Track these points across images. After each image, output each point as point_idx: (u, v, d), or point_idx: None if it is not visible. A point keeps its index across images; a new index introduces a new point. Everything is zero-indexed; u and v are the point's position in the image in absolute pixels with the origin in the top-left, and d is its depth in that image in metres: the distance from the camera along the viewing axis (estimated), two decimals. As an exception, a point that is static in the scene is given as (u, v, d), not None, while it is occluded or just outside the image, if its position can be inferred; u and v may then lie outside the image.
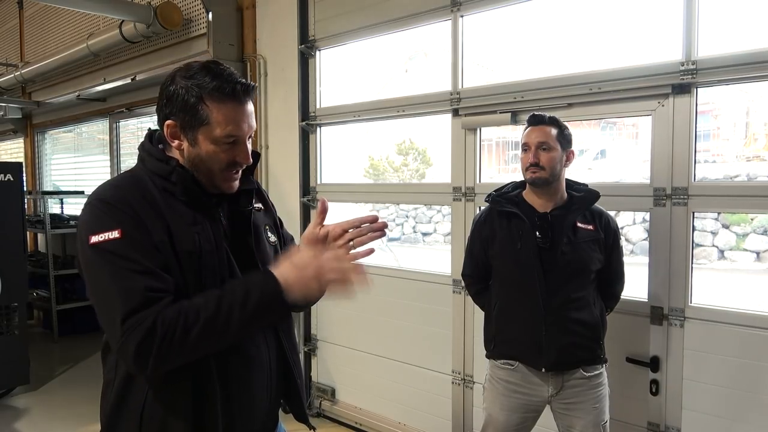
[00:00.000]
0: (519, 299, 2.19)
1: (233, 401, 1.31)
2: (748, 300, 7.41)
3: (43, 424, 3.91)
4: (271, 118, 4.04)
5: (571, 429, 2.17)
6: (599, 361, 2.18)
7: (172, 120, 1.26)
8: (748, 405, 2.29)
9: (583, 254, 2.13)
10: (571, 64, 2.81)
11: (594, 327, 2.16)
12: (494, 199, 2.28)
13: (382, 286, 3.54)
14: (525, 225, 2.15)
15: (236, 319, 1.15)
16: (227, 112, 1.23)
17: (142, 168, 1.31)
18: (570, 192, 2.21)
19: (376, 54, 4.38)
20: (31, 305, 6.09)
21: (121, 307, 1.13)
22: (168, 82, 1.27)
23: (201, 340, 1.14)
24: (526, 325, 2.16)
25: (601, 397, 2.17)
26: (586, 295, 2.15)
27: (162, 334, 1.11)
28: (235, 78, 1.25)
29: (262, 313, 1.18)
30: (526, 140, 2.17)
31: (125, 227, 1.17)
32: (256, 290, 1.16)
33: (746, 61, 2.23)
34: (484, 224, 2.31)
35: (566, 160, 2.17)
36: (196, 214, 1.28)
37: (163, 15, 4.27)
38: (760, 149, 10.03)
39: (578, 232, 2.14)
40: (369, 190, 4.94)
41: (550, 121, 2.16)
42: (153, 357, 1.11)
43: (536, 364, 2.15)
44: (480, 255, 2.32)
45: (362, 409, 3.73)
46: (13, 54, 7.05)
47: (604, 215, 2.22)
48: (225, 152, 1.26)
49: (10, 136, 7.88)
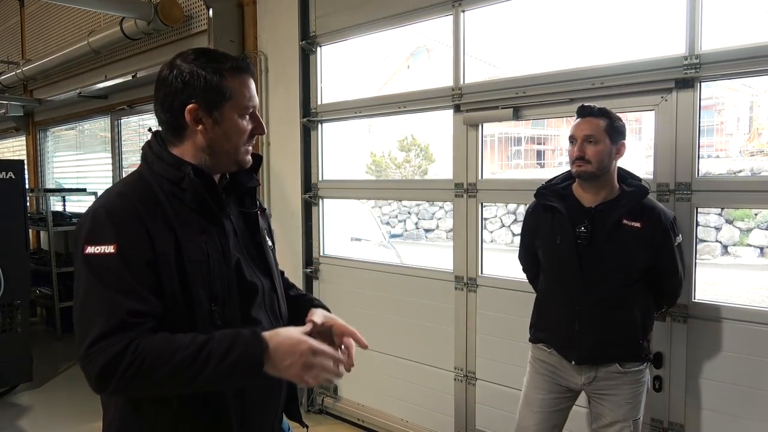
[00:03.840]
0: (556, 292, 2.21)
1: (248, 396, 1.31)
2: (752, 296, 7.39)
3: (45, 421, 3.92)
4: (272, 115, 4.03)
5: (601, 418, 2.16)
6: (639, 358, 2.14)
7: (193, 103, 1.25)
8: (752, 401, 2.28)
9: (625, 252, 2.06)
10: (574, 58, 2.80)
11: (631, 326, 2.10)
12: (540, 191, 2.27)
13: (384, 283, 3.54)
14: (565, 219, 2.13)
15: (209, 370, 1.11)
16: (246, 84, 1.30)
17: (149, 171, 1.29)
18: (622, 186, 2.15)
19: (378, 50, 4.38)
20: (34, 303, 6.10)
21: (99, 326, 1.11)
22: (171, 70, 1.26)
23: (168, 379, 1.12)
24: (560, 318, 2.17)
25: (636, 394, 2.14)
26: (627, 294, 2.10)
27: (129, 362, 1.09)
28: (237, 56, 1.33)
29: (237, 372, 1.13)
30: (573, 132, 2.12)
31: (122, 243, 1.16)
32: (240, 346, 1.13)
33: (750, 55, 2.21)
34: (531, 215, 2.33)
35: (617, 153, 2.10)
36: (203, 221, 1.26)
37: (164, 12, 4.27)
38: (763, 144, 9.99)
39: (622, 229, 2.07)
40: (371, 186, 4.93)
41: (599, 112, 2.09)
42: (115, 381, 1.09)
43: (568, 356, 2.16)
44: (529, 245, 2.35)
45: (364, 406, 3.73)
46: (15, 52, 7.06)
47: (657, 210, 2.11)
48: (248, 123, 1.31)
49: (12, 133, 7.89)
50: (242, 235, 1.37)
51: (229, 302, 1.26)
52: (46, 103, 6.53)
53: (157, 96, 1.29)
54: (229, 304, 1.26)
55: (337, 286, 3.81)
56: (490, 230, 12.40)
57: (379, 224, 8.06)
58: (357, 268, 3.72)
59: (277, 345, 1.15)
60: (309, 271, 3.92)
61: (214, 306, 1.23)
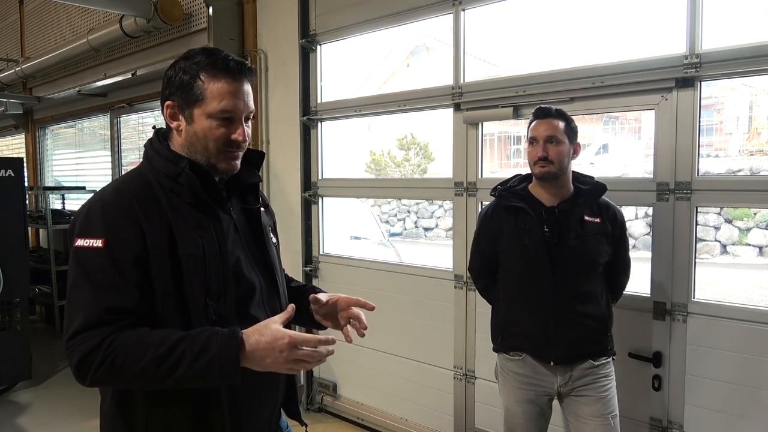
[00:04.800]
0: (527, 293, 2.19)
1: (244, 393, 1.30)
2: (751, 295, 7.40)
3: (45, 419, 3.92)
4: (272, 113, 4.03)
5: (578, 417, 2.16)
6: (607, 353, 2.19)
7: (171, 101, 1.29)
8: (751, 400, 2.28)
9: (591, 247, 2.13)
10: (574, 57, 2.80)
11: (602, 320, 2.16)
12: (500, 193, 2.27)
13: (383, 282, 3.54)
14: (532, 220, 2.14)
15: (181, 371, 1.12)
16: (221, 87, 1.25)
17: (148, 166, 1.31)
18: (576, 185, 2.20)
19: (378, 48, 4.38)
20: (33, 301, 6.11)
21: (78, 319, 1.16)
22: (169, 68, 1.32)
23: (140, 376, 1.13)
24: (535, 319, 2.16)
25: (608, 388, 2.17)
26: (594, 289, 2.15)
27: (103, 357, 1.12)
28: (230, 56, 1.29)
29: (212, 374, 1.13)
30: (533, 134, 2.15)
31: (110, 238, 1.18)
32: (214, 348, 1.14)
33: (750, 54, 2.21)
34: (491, 219, 2.30)
35: (573, 153, 2.16)
36: (200, 216, 1.27)
37: (164, 10, 4.26)
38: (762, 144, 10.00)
39: (586, 226, 2.13)
40: (370, 185, 4.94)
41: (557, 113, 2.15)
42: (91, 374, 1.13)
43: (544, 357, 2.15)
44: (487, 250, 2.32)
45: (364, 405, 3.73)
46: (14, 49, 7.05)
47: (611, 208, 2.21)
48: (220, 128, 1.27)
49: (11, 131, 7.88)
50: (243, 232, 1.37)
51: (225, 297, 1.26)
52: (46, 100, 6.52)
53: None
54: (224, 300, 1.26)
55: (336, 284, 3.81)
56: (490, 229, 12.36)
57: (379, 223, 8.07)
58: (356, 267, 3.72)
59: (255, 345, 1.15)
60: (308, 269, 3.92)
61: (209, 300, 1.24)
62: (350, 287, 3.73)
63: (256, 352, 1.15)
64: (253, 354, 1.15)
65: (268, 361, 1.16)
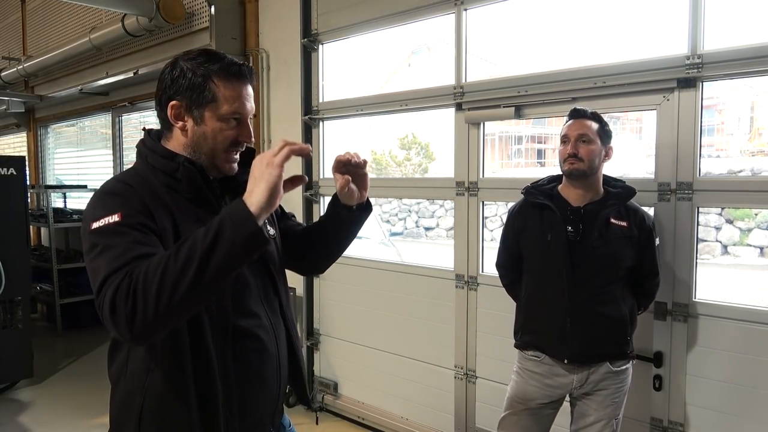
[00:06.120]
0: (546, 290, 2.21)
1: (243, 388, 1.31)
2: (752, 295, 7.39)
3: (46, 417, 3.92)
4: (273, 113, 4.03)
5: (585, 417, 2.17)
6: (626, 356, 2.18)
7: (177, 100, 1.29)
8: (752, 401, 2.28)
9: (614, 250, 2.13)
10: (576, 57, 2.79)
11: (620, 323, 2.15)
12: (528, 190, 2.29)
13: (384, 281, 3.54)
14: (556, 217, 2.16)
15: (218, 259, 1.06)
16: (234, 90, 1.28)
17: (144, 164, 1.32)
18: (606, 188, 2.21)
19: (380, 48, 4.37)
20: (35, 299, 6.12)
21: (103, 271, 1.11)
22: (169, 67, 1.31)
23: (169, 282, 1.05)
24: (551, 316, 2.17)
25: (621, 393, 2.18)
26: (614, 291, 2.15)
27: (128, 285, 1.06)
28: (237, 60, 1.31)
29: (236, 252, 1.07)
30: (566, 132, 2.18)
31: (126, 210, 1.18)
32: (220, 215, 1.10)
33: (752, 55, 2.21)
34: (517, 215, 2.33)
35: (605, 156, 2.17)
36: (199, 211, 1.28)
37: (166, 8, 4.26)
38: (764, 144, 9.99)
39: (611, 228, 2.14)
40: (371, 184, 4.92)
41: (591, 115, 2.17)
42: (123, 313, 1.05)
43: (560, 354, 2.16)
44: (513, 246, 2.35)
45: (365, 404, 3.74)
46: (16, 48, 7.05)
47: (640, 212, 2.21)
48: (230, 130, 1.29)
49: (13, 130, 7.89)
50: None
51: (223, 290, 1.27)
52: (47, 99, 6.54)
53: (156, 90, 1.34)
54: (222, 292, 1.27)
55: (337, 283, 3.81)
56: (491, 229, 12.41)
57: (380, 222, 8.07)
58: (357, 266, 3.72)
59: (250, 189, 1.11)
60: (310, 268, 3.92)
61: None
62: (351, 286, 3.73)
63: (260, 202, 1.09)
64: (252, 194, 1.10)
65: (262, 177, 1.10)
